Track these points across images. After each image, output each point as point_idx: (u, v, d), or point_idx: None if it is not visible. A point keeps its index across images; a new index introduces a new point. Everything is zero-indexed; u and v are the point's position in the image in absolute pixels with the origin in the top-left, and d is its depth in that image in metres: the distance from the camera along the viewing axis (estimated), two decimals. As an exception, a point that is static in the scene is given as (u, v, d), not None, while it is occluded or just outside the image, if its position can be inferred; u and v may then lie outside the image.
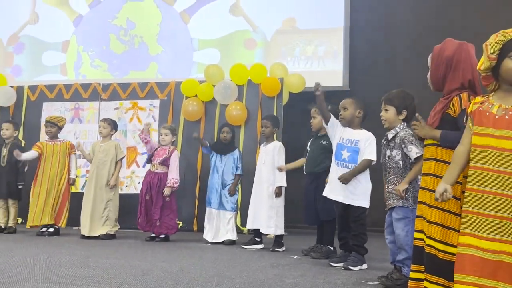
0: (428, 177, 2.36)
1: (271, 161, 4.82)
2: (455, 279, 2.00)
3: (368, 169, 3.70)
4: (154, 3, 8.16)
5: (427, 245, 2.28)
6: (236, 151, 5.48)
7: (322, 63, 7.51)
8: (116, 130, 5.97)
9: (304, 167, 4.49)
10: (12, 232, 5.81)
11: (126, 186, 6.98)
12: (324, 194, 3.86)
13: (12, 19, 8.64)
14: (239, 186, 5.97)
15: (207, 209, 5.38)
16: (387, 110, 3.14)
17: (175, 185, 5.45)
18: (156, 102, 7.05)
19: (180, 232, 6.14)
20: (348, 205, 3.68)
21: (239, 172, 5.38)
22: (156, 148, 5.60)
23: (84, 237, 5.50)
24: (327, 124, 3.83)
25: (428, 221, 2.29)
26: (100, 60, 8.25)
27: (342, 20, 7.44)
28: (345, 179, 3.63)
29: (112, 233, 5.62)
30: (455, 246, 2.10)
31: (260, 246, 4.88)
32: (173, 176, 5.47)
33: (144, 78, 7.56)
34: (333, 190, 3.78)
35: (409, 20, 7.33)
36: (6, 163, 5.90)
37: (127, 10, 8.24)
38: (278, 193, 4.72)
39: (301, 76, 6.81)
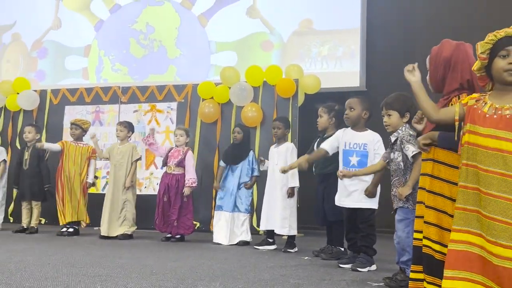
0: (426, 178, 2.35)
1: (284, 162, 4.82)
2: (444, 275, 2.00)
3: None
4: (172, 7, 8.28)
5: (424, 245, 2.28)
6: (251, 153, 5.52)
7: (339, 63, 7.49)
8: (132, 132, 6.09)
9: (314, 168, 4.50)
10: (33, 233, 5.99)
11: (145, 187, 7.11)
12: (336, 203, 3.86)
13: (36, 25, 8.89)
14: (255, 187, 6.04)
15: (217, 213, 5.41)
16: (390, 115, 3.12)
17: (193, 185, 5.57)
18: (174, 105, 7.16)
19: (197, 232, 6.24)
20: (357, 207, 3.68)
21: (256, 173, 5.42)
22: (170, 150, 5.69)
23: (102, 237, 5.63)
24: (330, 154, 3.85)
25: (425, 222, 2.28)
26: (121, 64, 8.42)
27: (359, 20, 7.41)
28: (370, 193, 3.62)
29: (129, 233, 5.74)
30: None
31: (272, 247, 4.91)
32: (191, 176, 5.58)
33: (162, 81, 7.69)
34: (343, 197, 3.78)
35: (427, 20, 7.24)
36: (28, 166, 6.08)
37: (147, 15, 8.39)
38: (291, 194, 4.75)
39: (317, 77, 6.82)
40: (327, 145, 3.88)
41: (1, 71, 9.01)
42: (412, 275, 2.44)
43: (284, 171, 4.28)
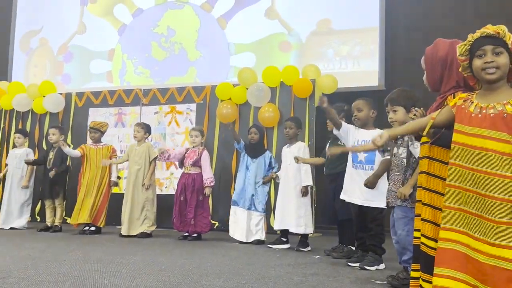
0: (423, 175, 2.35)
1: (296, 162, 4.87)
2: (434, 272, 2.02)
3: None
4: (193, 10, 8.42)
5: (421, 243, 2.29)
6: (267, 153, 5.57)
7: (358, 63, 7.47)
8: (149, 134, 6.22)
9: (324, 168, 4.52)
10: (57, 231, 6.20)
11: (166, 187, 7.25)
12: (341, 197, 3.89)
13: (61, 30, 9.17)
14: (272, 188, 6.09)
15: (232, 208, 5.49)
16: (395, 111, 3.12)
17: (212, 184, 5.70)
18: (193, 106, 7.28)
19: (216, 232, 6.35)
20: (365, 206, 3.69)
21: (275, 170, 5.47)
22: (186, 151, 5.81)
23: (122, 236, 5.78)
24: (338, 130, 3.85)
25: (422, 219, 2.30)
26: (143, 67, 8.60)
27: (378, 19, 7.38)
28: (371, 183, 3.56)
29: (148, 232, 5.87)
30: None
31: (286, 246, 4.95)
32: (208, 176, 5.70)
33: (183, 83, 7.82)
34: (350, 193, 3.81)
35: (447, 19, 7.15)
36: (52, 166, 6.29)
37: (168, 18, 8.54)
38: (304, 192, 4.79)
39: (333, 76, 6.82)
40: (344, 123, 3.92)
41: (29, 75, 9.32)
42: (413, 274, 2.44)
43: (297, 160, 4.45)
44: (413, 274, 2.46)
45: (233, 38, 8.07)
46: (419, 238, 2.38)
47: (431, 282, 2.23)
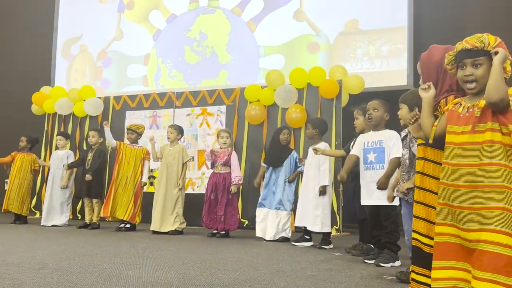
0: (418, 175, 2.47)
1: (317, 161, 5.01)
2: (432, 266, 2.15)
3: (397, 168, 3.76)
4: (224, 14, 8.65)
5: (413, 238, 2.41)
6: (293, 153, 5.71)
7: (386, 62, 7.50)
8: (182, 135, 6.48)
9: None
10: (95, 228, 6.55)
11: (198, 186, 7.51)
12: (362, 203, 4.00)
13: (100, 36, 9.62)
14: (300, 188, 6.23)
15: (258, 209, 5.66)
16: (401, 108, 3.22)
17: (239, 182, 5.93)
18: (223, 108, 7.51)
19: (245, 230, 6.56)
20: (378, 204, 3.80)
21: (299, 169, 5.62)
22: (215, 153, 6.04)
23: (155, 232, 6.06)
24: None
25: (414, 216, 2.41)
26: (177, 70, 8.91)
27: (406, 19, 7.39)
28: (383, 184, 3.60)
29: (180, 229, 6.13)
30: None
31: (309, 244, 5.08)
32: (237, 174, 5.92)
33: (214, 86, 8.07)
34: (364, 195, 3.93)
35: (477, 17, 7.09)
36: (90, 166, 6.66)
37: (200, 23, 8.82)
38: (322, 192, 4.91)
39: (360, 77, 6.89)
40: (356, 151, 4.06)
41: (70, 80, 9.81)
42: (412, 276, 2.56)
43: (316, 152, 4.73)
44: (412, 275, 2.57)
45: (262, 40, 8.25)
46: (416, 239, 2.50)
47: (426, 276, 2.35)
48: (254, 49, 8.30)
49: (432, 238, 2.32)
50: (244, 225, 6.99)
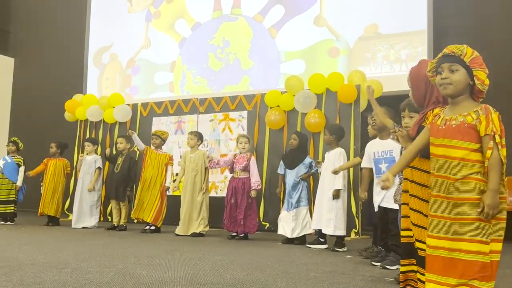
0: (406, 181, 2.61)
1: (332, 166, 5.14)
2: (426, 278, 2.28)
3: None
4: (246, 21, 8.87)
5: (402, 236, 2.59)
6: (307, 158, 5.86)
7: (406, 66, 7.53)
8: (202, 141, 6.72)
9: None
10: (123, 230, 6.87)
11: (220, 189, 7.74)
12: (375, 210, 4.13)
13: (129, 45, 10.00)
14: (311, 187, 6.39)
15: (283, 212, 5.84)
16: (411, 117, 3.30)
17: (258, 187, 6.14)
18: (245, 113, 7.72)
19: (266, 232, 6.73)
20: (385, 207, 3.91)
21: (313, 171, 5.77)
22: (235, 157, 6.24)
23: (177, 235, 6.31)
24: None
25: (402, 216, 2.59)
26: (201, 77, 9.18)
27: (425, 22, 7.42)
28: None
29: (203, 232, 6.36)
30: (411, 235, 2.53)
31: (324, 246, 5.22)
32: (256, 179, 6.13)
33: (236, 91, 8.29)
34: (375, 195, 4.05)
35: (499, 21, 7.06)
36: (119, 170, 6.99)
37: (223, 30, 9.06)
38: (335, 196, 5.04)
39: (378, 81, 6.96)
40: (367, 163, 4.19)
41: (102, 87, 10.23)
42: (401, 268, 2.71)
43: (334, 172, 4.84)
44: (402, 268, 2.74)
45: (283, 46, 8.43)
46: (405, 237, 2.65)
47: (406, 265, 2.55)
48: (275, 54, 8.47)
49: (409, 230, 2.53)
50: (265, 227, 7.17)
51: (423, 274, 2.51)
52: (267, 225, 7.20)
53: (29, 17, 11.91)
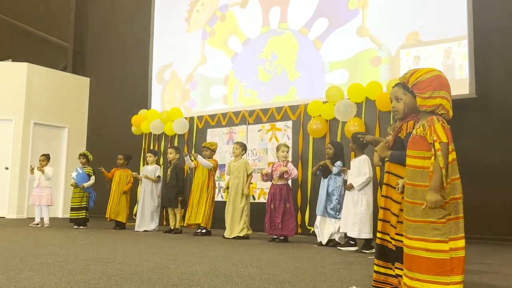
0: (384, 186, 2.96)
1: (357, 173, 5.45)
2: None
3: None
4: (292, 35, 9.30)
5: (378, 237, 2.92)
6: (338, 162, 6.17)
7: (447, 72, 7.60)
8: (245, 151, 7.24)
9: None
10: (178, 233, 7.54)
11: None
12: None
13: (187, 63, 10.77)
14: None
15: (318, 218, 6.21)
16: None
17: (293, 172, 6.59)
18: (289, 123, 8.16)
19: (310, 236, 7.11)
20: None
21: (333, 170, 6.08)
22: (273, 165, 6.70)
23: (225, 237, 6.87)
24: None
25: (378, 219, 2.92)
26: (252, 89, 9.72)
27: (466, 28, 7.46)
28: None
29: (247, 235, 6.87)
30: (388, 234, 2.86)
31: (353, 248, 5.52)
32: (293, 168, 6.65)
33: (284, 102, 8.75)
34: None
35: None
36: (169, 180, 7.68)
37: (271, 44, 9.56)
38: (348, 187, 5.46)
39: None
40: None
41: (164, 102, 11.09)
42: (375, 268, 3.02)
43: (348, 189, 5.32)
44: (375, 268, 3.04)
45: (327, 57, 8.76)
46: (380, 238, 2.98)
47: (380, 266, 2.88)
48: (320, 65, 8.83)
49: (386, 234, 2.84)
50: (310, 232, 7.53)
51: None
52: (312, 229, 7.55)
53: (101, 41, 13.12)
